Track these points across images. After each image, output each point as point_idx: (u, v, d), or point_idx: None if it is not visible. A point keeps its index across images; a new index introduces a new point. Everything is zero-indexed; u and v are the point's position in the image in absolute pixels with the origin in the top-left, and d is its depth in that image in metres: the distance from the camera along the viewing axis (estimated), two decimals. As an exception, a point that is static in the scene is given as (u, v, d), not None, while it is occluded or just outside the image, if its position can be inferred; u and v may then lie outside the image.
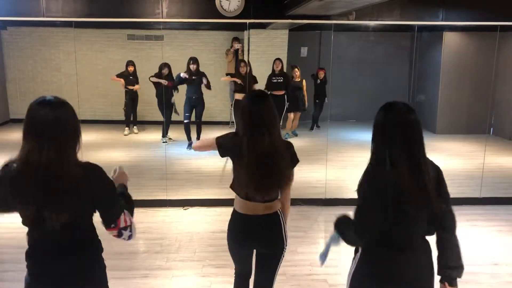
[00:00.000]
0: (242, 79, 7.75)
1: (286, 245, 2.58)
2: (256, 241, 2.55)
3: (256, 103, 2.45)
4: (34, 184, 1.77)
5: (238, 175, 2.51)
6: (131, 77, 8.92)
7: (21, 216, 1.87)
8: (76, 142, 1.87)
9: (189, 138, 8.00)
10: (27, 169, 1.77)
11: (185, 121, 7.96)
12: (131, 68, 8.87)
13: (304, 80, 9.05)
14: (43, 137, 1.78)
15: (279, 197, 2.58)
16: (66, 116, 1.84)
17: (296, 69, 8.91)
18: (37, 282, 1.95)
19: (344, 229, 2.16)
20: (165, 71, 8.11)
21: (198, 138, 7.93)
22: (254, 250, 2.64)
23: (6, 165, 1.84)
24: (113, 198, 1.95)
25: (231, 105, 8.51)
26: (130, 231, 1.97)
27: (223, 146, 2.51)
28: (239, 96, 7.65)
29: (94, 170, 1.89)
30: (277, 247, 2.56)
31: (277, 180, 2.44)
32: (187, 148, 7.92)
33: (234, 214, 2.58)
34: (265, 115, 2.41)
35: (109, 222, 1.92)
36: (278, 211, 2.55)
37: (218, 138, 2.54)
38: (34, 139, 1.79)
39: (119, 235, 1.95)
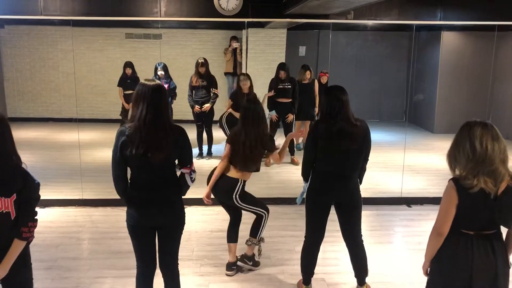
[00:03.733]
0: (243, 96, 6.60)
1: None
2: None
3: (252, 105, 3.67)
4: (143, 133, 2.57)
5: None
6: (128, 81, 8.14)
7: (131, 158, 2.61)
8: (168, 107, 2.75)
9: (200, 148, 7.50)
10: (138, 124, 2.59)
11: (199, 130, 7.41)
12: (128, 71, 8.14)
13: (315, 80, 7.48)
14: (147, 103, 2.59)
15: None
16: (163, 91, 2.68)
17: (309, 71, 7.32)
18: (133, 212, 2.73)
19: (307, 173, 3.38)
20: (161, 73, 7.40)
21: (209, 148, 7.50)
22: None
23: (123, 126, 2.69)
24: (190, 151, 2.79)
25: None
26: (194, 176, 2.80)
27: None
28: (234, 113, 6.72)
29: (183, 131, 2.72)
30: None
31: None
32: (197, 157, 7.32)
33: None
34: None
35: (186, 163, 2.75)
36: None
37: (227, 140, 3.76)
38: (141, 105, 2.59)
39: (190, 173, 2.76)
